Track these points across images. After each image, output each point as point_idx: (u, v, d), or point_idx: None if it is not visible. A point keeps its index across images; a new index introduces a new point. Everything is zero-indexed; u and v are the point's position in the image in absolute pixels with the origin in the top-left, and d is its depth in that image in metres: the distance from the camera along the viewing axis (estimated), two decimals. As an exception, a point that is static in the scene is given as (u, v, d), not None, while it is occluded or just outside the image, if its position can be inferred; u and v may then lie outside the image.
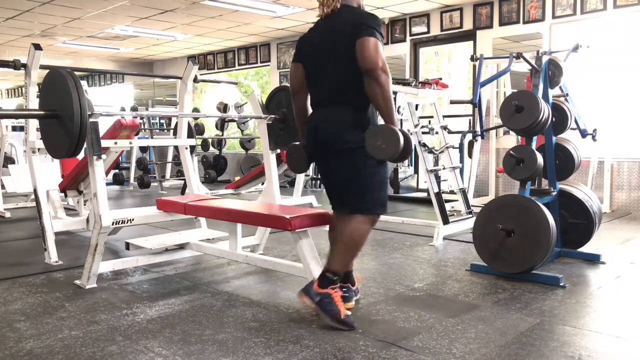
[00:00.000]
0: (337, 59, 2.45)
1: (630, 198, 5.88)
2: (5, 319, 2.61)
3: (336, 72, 2.47)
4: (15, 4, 6.94)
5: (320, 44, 2.52)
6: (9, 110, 7.10)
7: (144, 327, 2.49)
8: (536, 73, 3.54)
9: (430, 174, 4.53)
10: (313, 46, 2.56)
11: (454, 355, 2.15)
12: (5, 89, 16.23)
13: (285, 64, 9.43)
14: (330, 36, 2.48)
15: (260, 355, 2.15)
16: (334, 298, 2.46)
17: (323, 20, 2.54)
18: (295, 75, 2.64)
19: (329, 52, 2.48)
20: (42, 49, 3.64)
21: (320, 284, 2.50)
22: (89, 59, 11.17)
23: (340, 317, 2.43)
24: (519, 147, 3.43)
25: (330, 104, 2.52)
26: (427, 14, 7.49)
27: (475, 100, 5.12)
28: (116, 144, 3.65)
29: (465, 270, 3.46)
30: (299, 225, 2.65)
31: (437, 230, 4.37)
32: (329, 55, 2.48)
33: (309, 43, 2.59)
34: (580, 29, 6.08)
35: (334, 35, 2.46)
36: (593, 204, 3.70)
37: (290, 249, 4.04)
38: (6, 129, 6.46)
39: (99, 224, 3.06)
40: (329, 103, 2.53)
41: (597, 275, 3.36)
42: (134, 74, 10.07)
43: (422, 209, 6.18)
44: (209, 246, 3.48)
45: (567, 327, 2.47)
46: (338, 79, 2.48)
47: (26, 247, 4.37)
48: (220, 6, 7.16)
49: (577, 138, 4.34)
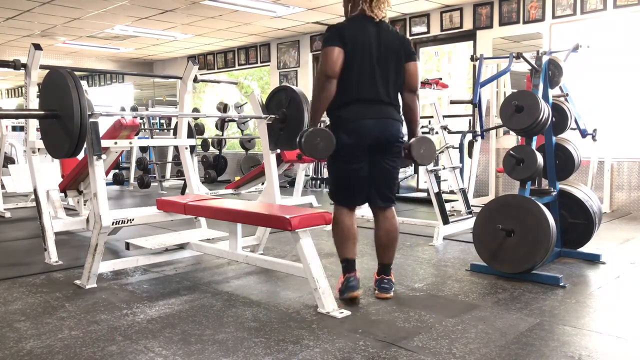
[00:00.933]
0: (395, 67, 2.78)
1: (630, 198, 5.88)
2: (5, 319, 2.61)
3: (393, 78, 2.79)
4: (15, 4, 6.94)
5: (377, 46, 2.73)
6: (9, 110, 7.10)
7: (144, 327, 2.49)
8: (536, 73, 3.53)
9: (430, 174, 4.54)
10: (366, 44, 2.71)
11: (454, 355, 2.15)
12: (5, 89, 16.23)
13: (285, 64, 9.44)
14: (387, 44, 2.75)
15: (260, 355, 2.15)
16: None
17: (372, 23, 2.75)
18: (337, 61, 2.67)
19: (385, 58, 2.75)
20: (42, 49, 3.64)
21: (388, 273, 2.94)
22: (89, 59, 11.17)
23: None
24: (519, 147, 3.44)
25: (389, 104, 2.79)
26: (427, 14, 7.49)
27: (475, 100, 5.13)
28: (116, 144, 3.65)
29: (465, 270, 3.46)
30: (299, 225, 2.65)
31: (437, 230, 4.37)
32: (386, 60, 2.75)
33: (359, 38, 2.71)
34: (580, 29, 6.08)
35: (390, 44, 2.76)
36: (593, 204, 3.70)
37: (290, 249, 4.04)
38: (6, 129, 6.46)
39: (99, 224, 3.06)
40: (389, 103, 2.79)
41: (597, 275, 3.36)
42: (134, 74, 10.08)
43: (422, 209, 6.18)
44: (209, 246, 3.48)
45: (567, 327, 2.47)
46: (395, 85, 2.81)
47: (26, 247, 4.37)
48: (220, 6, 7.16)
49: (577, 138, 4.34)
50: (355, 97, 2.73)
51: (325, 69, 2.67)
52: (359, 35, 2.71)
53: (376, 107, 2.76)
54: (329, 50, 2.67)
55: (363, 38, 2.71)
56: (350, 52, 2.68)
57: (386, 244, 2.95)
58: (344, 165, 2.83)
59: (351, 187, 2.87)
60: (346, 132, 2.74)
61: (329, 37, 2.70)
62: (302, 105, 3.77)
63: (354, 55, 2.69)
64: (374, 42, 2.73)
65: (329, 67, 2.66)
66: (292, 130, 3.83)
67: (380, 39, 2.74)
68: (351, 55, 2.68)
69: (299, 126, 3.78)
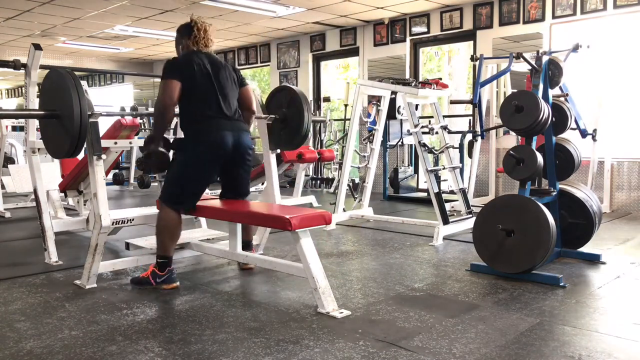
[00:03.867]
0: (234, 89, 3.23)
1: (630, 198, 5.88)
2: (5, 319, 2.60)
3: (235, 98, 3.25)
4: (15, 4, 6.94)
5: (215, 72, 3.12)
6: (9, 110, 7.10)
7: (144, 327, 2.49)
8: (536, 73, 3.53)
9: (430, 174, 4.54)
10: (203, 71, 3.08)
11: (454, 355, 2.15)
12: (5, 89, 16.22)
13: (285, 64, 9.44)
14: (222, 69, 3.18)
15: (260, 355, 2.15)
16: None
17: (204, 54, 3.16)
18: (175, 92, 3.01)
19: (226, 80, 3.18)
20: (42, 49, 3.64)
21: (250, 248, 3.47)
22: (89, 59, 11.16)
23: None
24: (519, 147, 3.43)
25: (238, 119, 3.20)
26: (427, 14, 7.49)
27: (475, 100, 5.13)
28: (116, 144, 3.66)
29: (465, 270, 3.46)
30: (299, 225, 2.65)
31: (437, 230, 4.36)
32: (229, 83, 3.19)
33: (198, 68, 3.07)
34: (580, 29, 6.08)
35: (225, 68, 3.20)
36: (593, 204, 3.70)
37: (290, 249, 4.04)
38: (6, 129, 6.45)
39: (99, 224, 3.06)
40: (237, 118, 3.20)
41: (597, 275, 3.36)
42: (134, 74, 10.07)
43: (422, 209, 6.18)
44: (209, 246, 3.48)
45: (567, 327, 2.47)
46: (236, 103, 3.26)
47: (26, 247, 4.37)
48: (220, 6, 7.15)
49: (577, 138, 4.34)
50: (211, 116, 3.09)
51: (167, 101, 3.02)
52: (193, 65, 3.06)
53: (230, 122, 3.14)
54: (171, 84, 3.00)
55: (200, 67, 3.08)
56: (196, 81, 3.04)
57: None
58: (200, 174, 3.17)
59: (198, 195, 3.19)
60: (203, 145, 3.07)
61: (175, 73, 3.04)
62: (302, 105, 3.78)
63: (201, 82, 3.06)
64: (211, 68, 3.12)
65: (170, 99, 3.00)
66: (292, 130, 3.84)
67: (215, 65, 3.15)
68: (199, 83, 3.05)
69: (299, 126, 3.79)
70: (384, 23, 7.93)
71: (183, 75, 3.02)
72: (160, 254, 3.10)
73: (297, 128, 3.81)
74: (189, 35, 3.18)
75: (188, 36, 3.19)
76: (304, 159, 6.34)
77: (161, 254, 3.10)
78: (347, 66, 10.27)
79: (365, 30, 8.23)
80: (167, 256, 3.10)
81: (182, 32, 3.23)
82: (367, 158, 5.56)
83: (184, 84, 3.01)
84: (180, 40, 3.25)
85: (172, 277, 3.11)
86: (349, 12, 7.45)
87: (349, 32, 8.44)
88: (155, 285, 3.07)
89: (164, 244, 3.10)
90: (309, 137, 6.37)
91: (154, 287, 3.07)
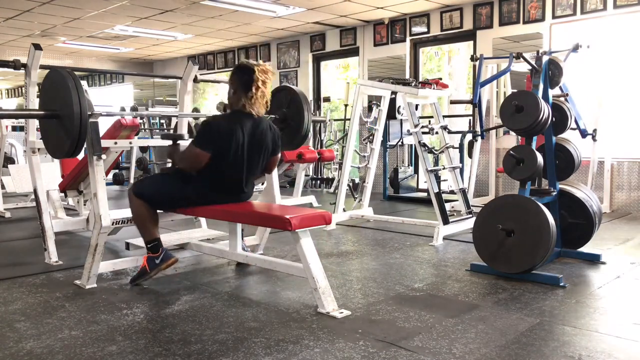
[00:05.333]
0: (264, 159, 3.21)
1: (630, 198, 5.88)
2: (5, 319, 2.60)
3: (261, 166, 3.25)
4: (15, 4, 6.94)
5: (250, 145, 3.07)
6: (9, 110, 7.10)
7: (144, 327, 2.49)
8: (536, 73, 3.53)
9: (430, 174, 4.54)
10: (239, 142, 3.00)
11: (454, 355, 2.15)
12: (5, 89, 16.22)
13: (285, 64, 9.44)
14: (264, 138, 3.13)
15: (260, 355, 2.15)
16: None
17: (252, 119, 3.06)
18: (203, 163, 3.01)
19: (261, 153, 3.15)
20: (42, 49, 3.64)
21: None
22: (89, 59, 11.17)
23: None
24: (519, 147, 3.44)
25: (248, 191, 3.26)
26: (427, 14, 7.49)
27: (475, 100, 5.13)
28: (116, 144, 3.65)
29: (465, 270, 3.46)
30: (299, 225, 2.65)
31: (437, 230, 4.36)
32: (262, 156, 3.17)
33: (235, 143, 2.99)
34: (580, 29, 6.08)
35: (265, 138, 3.14)
36: (593, 204, 3.70)
37: (290, 249, 4.04)
38: (6, 129, 6.45)
39: (99, 224, 3.06)
40: (248, 190, 3.24)
41: (597, 275, 3.36)
42: (134, 74, 10.07)
43: (422, 209, 6.17)
44: (209, 246, 3.48)
45: (567, 327, 2.47)
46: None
47: (26, 247, 4.36)
48: (220, 6, 7.15)
49: (577, 138, 4.34)
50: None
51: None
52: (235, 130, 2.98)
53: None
54: (198, 153, 2.97)
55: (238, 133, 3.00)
56: (222, 152, 2.98)
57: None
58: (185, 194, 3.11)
59: (164, 206, 3.19)
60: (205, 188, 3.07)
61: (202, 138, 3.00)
62: (302, 105, 3.78)
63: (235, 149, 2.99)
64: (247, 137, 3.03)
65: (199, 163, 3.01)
66: (292, 130, 3.84)
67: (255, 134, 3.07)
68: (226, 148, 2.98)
69: (299, 126, 3.79)
70: (384, 23, 7.93)
71: (216, 146, 2.95)
72: (148, 239, 3.09)
73: (297, 128, 3.81)
74: (245, 91, 2.97)
75: (245, 92, 2.97)
76: (304, 159, 6.34)
77: (149, 239, 3.09)
78: (347, 66, 10.27)
79: (365, 30, 8.23)
80: (155, 238, 3.10)
81: (240, 82, 3.00)
82: (367, 158, 5.56)
83: (214, 152, 2.96)
84: (235, 86, 3.03)
85: (168, 253, 3.11)
86: (349, 12, 7.45)
87: (349, 32, 8.44)
88: (156, 268, 3.07)
89: (147, 229, 3.09)
90: (309, 137, 6.38)
91: (155, 276, 3.10)
